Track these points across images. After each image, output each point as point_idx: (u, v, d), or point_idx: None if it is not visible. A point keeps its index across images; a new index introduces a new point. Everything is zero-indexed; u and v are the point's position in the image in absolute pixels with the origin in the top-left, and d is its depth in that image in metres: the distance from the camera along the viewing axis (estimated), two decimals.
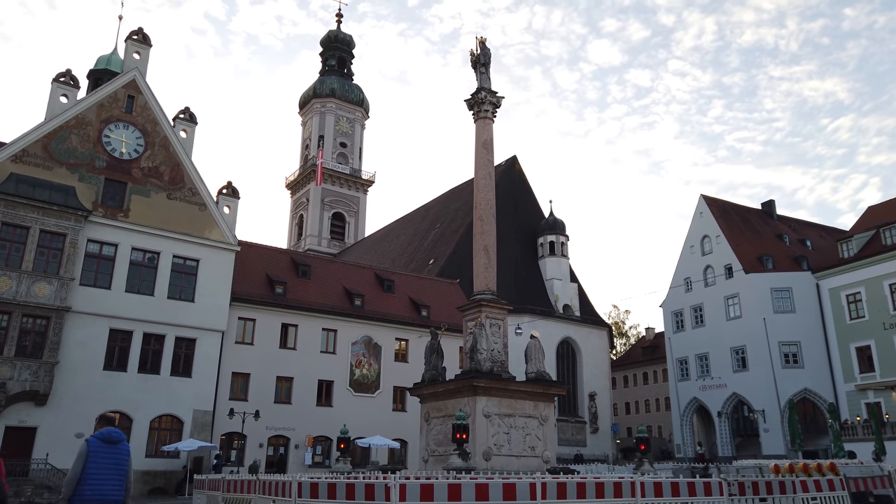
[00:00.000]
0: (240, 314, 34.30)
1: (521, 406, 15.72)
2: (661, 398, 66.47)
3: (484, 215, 17.82)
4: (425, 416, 16.75)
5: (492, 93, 18.72)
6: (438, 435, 16.06)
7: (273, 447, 34.19)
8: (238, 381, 33.73)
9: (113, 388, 29.47)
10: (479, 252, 17.46)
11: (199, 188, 33.71)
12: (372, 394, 37.76)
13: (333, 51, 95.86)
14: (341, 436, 17.19)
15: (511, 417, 15.49)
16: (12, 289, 27.28)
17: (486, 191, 18.00)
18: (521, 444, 15.40)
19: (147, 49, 33.69)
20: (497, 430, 15.15)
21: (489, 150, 18.28)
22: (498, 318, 16.84)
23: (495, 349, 16.32)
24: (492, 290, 17.21)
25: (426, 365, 17.25)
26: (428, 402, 16.78)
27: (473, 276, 17.48)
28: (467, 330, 16.86)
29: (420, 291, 43.64)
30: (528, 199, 60.78)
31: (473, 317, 16.75)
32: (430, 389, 16.54)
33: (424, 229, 69.50)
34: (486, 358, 15.84)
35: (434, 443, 16.13)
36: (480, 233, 17.61)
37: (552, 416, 16.09)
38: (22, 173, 28.86)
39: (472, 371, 15.56)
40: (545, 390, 16.17)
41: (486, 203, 17.97)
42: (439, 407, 16.33)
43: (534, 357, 16.68)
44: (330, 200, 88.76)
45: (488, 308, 16.72)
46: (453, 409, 15.47)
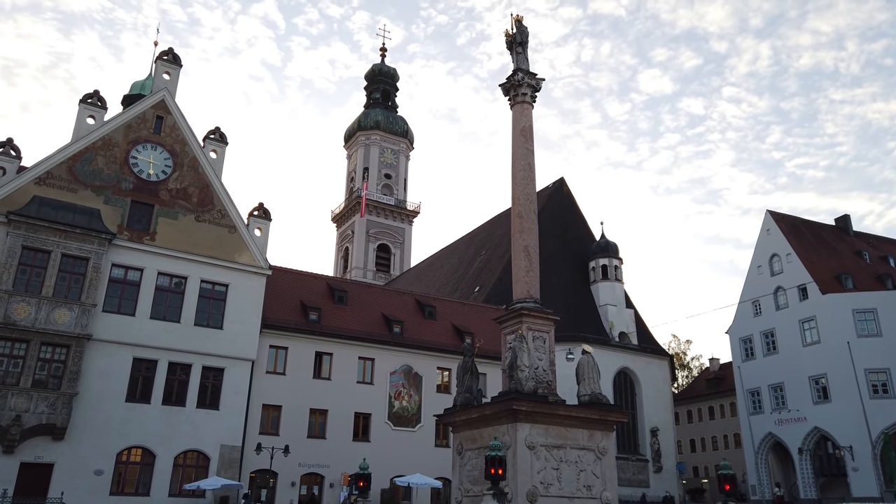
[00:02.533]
0: (271, 342, 32.32)
1: (572, 435, 12.89)
2: (729, 434, 61.29)
3: (523, 211, 15.30)
4: (458, 448, 14.07)
5: (530, 74, 16.37)
6: (473, 471, 13.34)
7: (306, 486, 31.69)
8: (269, 414, 31.55)
9: (135, 421, 27.67)
10: (519, 253, 14.89)
11: (229, 210, 32.24)
12: (412, 428, 35.00)
13: (378, 84, 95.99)
14: (361, 472, 14.63)
15: (561, 449, 12.67)
16: (31, 315, 25.97)
17: (524, 184, 15.51)
18: (575, 482, 12.53)
19: (177, 69, 32.81)
20: (544, 465, 12.35)
21: (528, 139, 15.84)
22: (542, 329, 14.15)
23: (539, 367, 13.59)
24: (534, 298, 14.58)
25: (458, 387, 14.65)
26: (461, 430, 14.11)
27: (513, 282, 14.91)
28: (506, 344, 14.22)
29: (463, 318, 40.99)
30: (578, 222, 57.80)
31: (513, 328, 14.12)
32: (463, 416, 13.89)
33: (469, 257, 67.15)
34: (528, 376, 13.12)
35: (468, 480, 13.40)
36: (519, 231, 15.07)
37: (612, 449, 13.20)
38: (45, 196, 27.86)
39: (511, 392, 12.87)
40: (602, 416, 13.30)
41: (525, 198, 15.45)
42: (473, 437, 13.63)
43: (587, 376, 13.86)
44: (375, 232, 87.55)
45: (530, 318, 14.07)
46: (490, 438, 12.76)
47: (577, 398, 14.04)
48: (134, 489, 27.31)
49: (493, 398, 13.47)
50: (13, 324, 25.51)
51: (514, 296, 14.86)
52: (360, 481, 14.58)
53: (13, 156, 27.75)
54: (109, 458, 26.80)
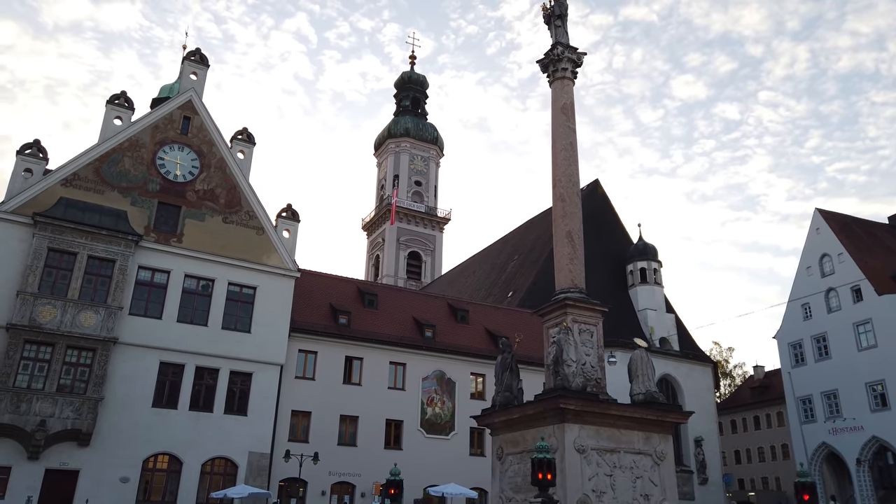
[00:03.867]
0: (300, 346, 31.41)
1: (627, 438, 11.53)
2: (776, 445, 58.56)
3: (565, 194, 14.03)
4: (498, 453, 12.78)
5: (570, 48, 15.14)
6: (515, 477, 12.04)
7: (337, 495, 30.58)
8: (298, 421, 30.60)
9: (162, 427, 26.95)
10: (562, 240, 13.61)
11: (257, 211, 31.54)
12: (446, 435, 33.71)
13: (407, 91, 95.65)
14: (392, 478, 13.43)
15: (614, 454, 11.33)
16: (57, 318, 25.47)
17: (566, 164, 14.25)
18: (630, 490, 11.16)
19: (204, 70, 32.36)
20: (596, 471, 11.01)
21: (569, 117, 14.60)
22: (589, 322, 12.83)
23: (587, 362, 12.28)
24: (579, 287, 13.28)
25: (497, 385, 13.39)
26: (501, 433, 12.83)
27: (555, 271, 13.63)
28: (549, 339, 12.93)
29: (497, 322, 39.64)
30: (614, 225, 56.04)
31: (556, 320, 12.83)
32: (503, 416, 12.61)
33: (502, 262, 65.77)
34: (575, 372, 11.80)
35: (510, 488, 12.11)
36: (562, 216, 13.80)
37: (670, 453, 11.78)
38: (72, 197, 27.47)
39: (557, 389, 11.55)
40: (660, 417, 11.90)
41: (567, 179, 14.19)
42: (515, 439, 12.34)
43: (641, 373, 12.49)
44: (405, 240, 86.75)
45: (576, 309, 12.77)
46: (533, 440, 11.48)
47: (630, 397, 12.68)
48: (161, 497, 26.54)
49: (536, 396, 12.18)
50: (38, 327, 25.04)
51: (556, 286, 13.58)
52: (391, 488, 13.39)
53: (40, 157, 27.44)
54: (136, 464, 26.09)
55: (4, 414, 23.74)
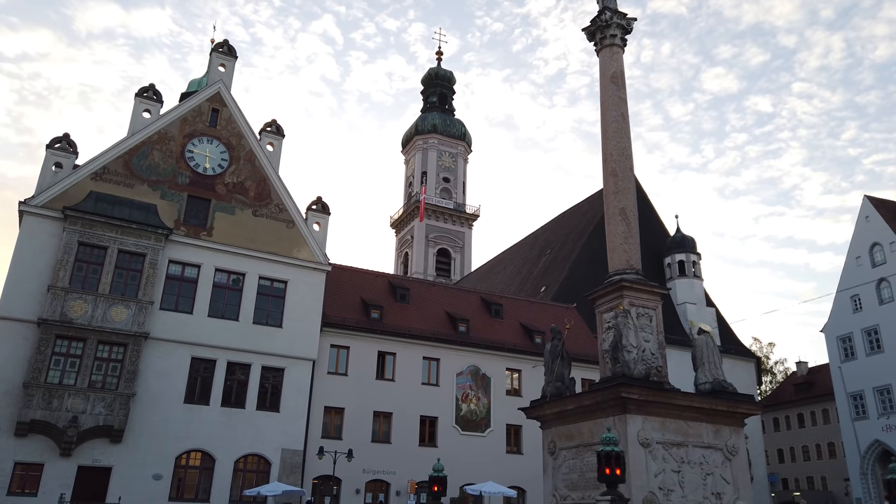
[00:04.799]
0: (332, 341, 30.74)
1: (695, 431, 10.48)
2: (822, 443, 56.39)
3: (617, 169, 13.00)
4: (549, 448, 11.80)
5: (619, 13, 14.12)
6: (570, 474, 11.06)
7: (371, 493, 29.85)
8: (331, 417, 29.94)
9: (194, 423, 26.49)
10: (614, 218, 12.59)
11: (287, 204, 30.96)
12: (482, 433, 32.76)
13: (434, 88, 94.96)
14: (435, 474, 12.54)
15: (682, 448, 10.28)
16: (88, 313, 25.15)
17: (617, 137, 13.21)
18: (701, 489, 10.11)
19: (232, 61, 31.90)
20: (662, 467, 9.98)
21: (619, 86, 13.57)
22: (648, 305, 11.80)
23: (646, 349, 11.25)
24: (635, 269, 12.25)
25: (547, 375, 12.41)
26: (552, 426, 11.86)
27: (608, 251, 12.62)
28: (603, 324, 11.92)
29: (532, 317, 38.57)
30: (649, 216, 54.43)
31: (612, 304, 11.81)
32: (556, 408, 11.63)
33: (534, 257, 64.58)
34: (636, 359, 10.79)
35: (565, 485, 11.13)
36: (614, 192, 12.78)
37: (742, 448, 10.70)
38: (102, 191, 27.16)
39: (617, 377, 10.55)
40: (731, 408, 10.82)
41: (619, 153, 13.15)
42: (569, 433, 11.36)
43: (707, 360, 11.41)
44: (434, 237, 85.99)
45: (633, 291, 11.74)
46: (591, 433, 10.51)
47: (695, 387, 11.60)
48: (193, 495, 26.06)
49: (593, 385, 11.18)
50: (70, 322, 24.74)
51: (610, 267, 12.56)
52: (434, 485, 12.51)
53: (69, 151, 27.18)
54: (168, 461, 25.66)
55: (36, 410, 23.46)
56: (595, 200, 60.59)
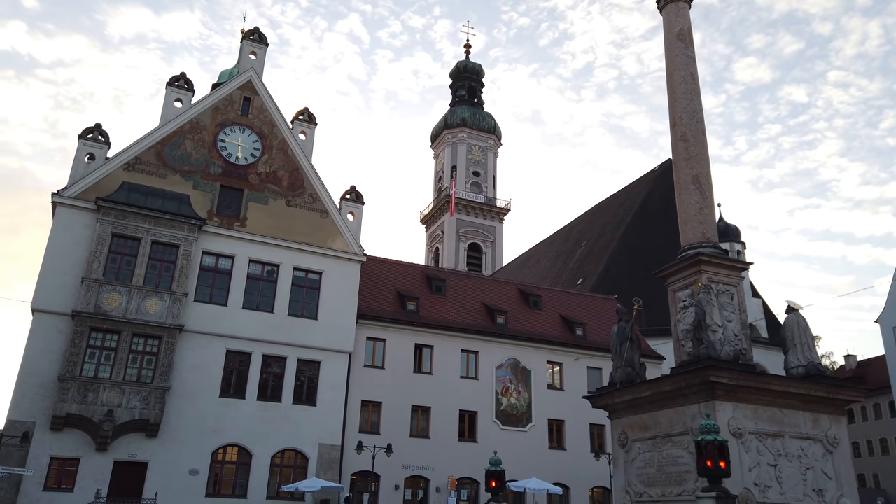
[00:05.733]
0: (368, 334, 29.93)
1: (791, 420, 9.31)
2: (874, 439, 54.04)
3: (688, 133, 11.84)
4: (620, 440, 10.71)
5: None
6: (647, 468, 9.97)
7: (410, 490, 28.98)
8: (368, 411, 29.13)
9: (230, 417, 25.89)
10: (686, 187, 11.43)
11: (321, 193, 30.22)
12: (523, 427, 31.66)
13: (463, 81, 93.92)
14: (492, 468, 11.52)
15: (777, 439, 9.13)
16: (122, 305, 24.68)
17: (687, 98, 12.05)
18: (800, 484, 8.94)
19: (263, 49, 31.25)
20: (757, 460, 8.84)
21: (687, 44, 12.40)
22: (728, 282, 10.64)
23: (729, 328, 10.07)
24: (712, 242, 11.07)
25: (615, 360, 11.31)
26: (623, 415, 10.76)
27: (679, 223, 11.47)
28: (677, 304, 10.79)
29: (571, 308, 37.31)
30: None
31: (686, 281, 10.67)
32: (628, 395, 10.53)
33: (568, 249, 63.20)
34: (723, 339, 9.64)
35: (640, 481, 10.03)
36: (685, 159, 11.61)
37: (844, 438, 9.48)
38: (134, 182, 26.69)
39: (702, 360, 9.41)
40: (831, 394, 9.62)
41: (690, 116, 11.99)
42: (644, 423, 10.26)
43: (800, 341, 10.23)
44: (465, 231, 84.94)
45: (712, 266, 10.59)
46: (671, 423, 9.40)
47: (786, 371, 10.41)
48: (231, 490, 25.48)
49: (673, 369, 10.06)
50: (104, 314, 24.29)
51: (682, 241, 11.41)
52: (492, 480, 11.51)
53: (101, 141, 26.76)
54: (205, 456, 25.10)
55: (72, 404, 23.04)
56: (632, 190, 58.99)
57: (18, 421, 22.81)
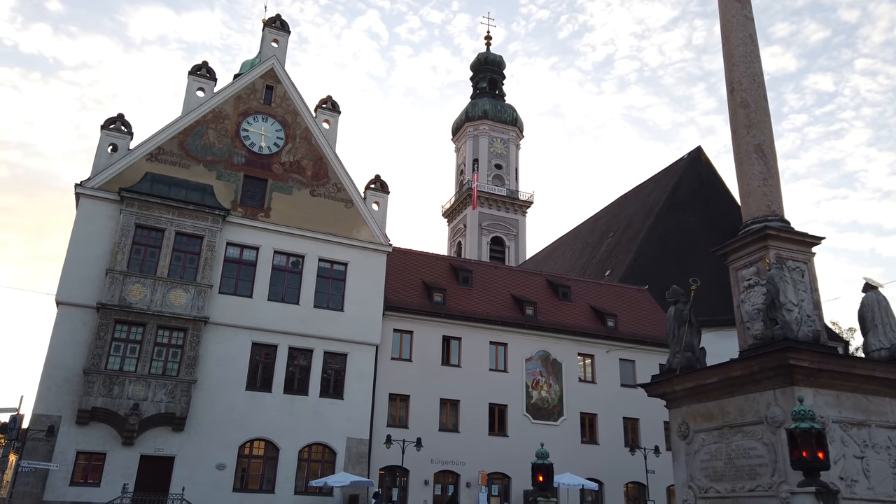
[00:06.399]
0: (394, 325, 29.27)
1: (877, 407, 8.43)
2: None
3: (749, 99, 10.92)
4: (681, 431, 9.86)
5: None
6: (713, 461, 9.11)
7: (440, 485, 28.30)
8: (396, 405, 28.50)
9: (256, 411, 25.40)
10: (748, 156, 10.53)
11: (345, 183, 29.59)
12: (554, 421, 30.80)
13: (484, 73, 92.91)
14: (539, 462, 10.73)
15: (864, 428, 8.25)
16: (146, 297, 24.27)
17: (746, 62, 11.13)
18: (890, 479, 8.08)
19: (286, 36, 30.67)
20: (842, 452, 7.98)
21: (744, 4, 11.51)
22: (798, 258, 9.74)
23: (803, 307, 9.16)
24: (779, 215, 10.16)
25: (672, 345, 10.46)
26: (684, 404, 9.91)
27: (741, 196, 10.59)
28: (741, 282, 9.91)
29: (602, 299, 36.33)
30: (721, 195, 51.36)
31: (751, 258, 9.80)
32: (690, 382, 9.68)
33: (595, 241, 62.07)
34: (798, 319, 8.75)
35: (705, 475, 9.19)
36: (746, 126, 10.70)
37: None
38: (157, 172, 26.27)
39: (777, 341, 8.53)
40: None
41: (750, 80, 11.08)
42: (708, 412, 9.40)
43: (880, 321, 9.30)
44: (487, 224, 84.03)
45: (780, 241, 9.70)
46: (741, 411, 8.55)
47: (866, 354, 9.49)
48: (258, 485, 24.99)
49: (743, 353, 9.19)
50: (129, 306, 23.89)
51: (744, 214, 10.54)
52: (539, 474, 10.73)
53: (124, 131, 26.37)
54: (231, 451, 24.64)
55: (97, 397, 22.68)
56: (660, 180, 57.66)
57: (44, 415, 22.52)
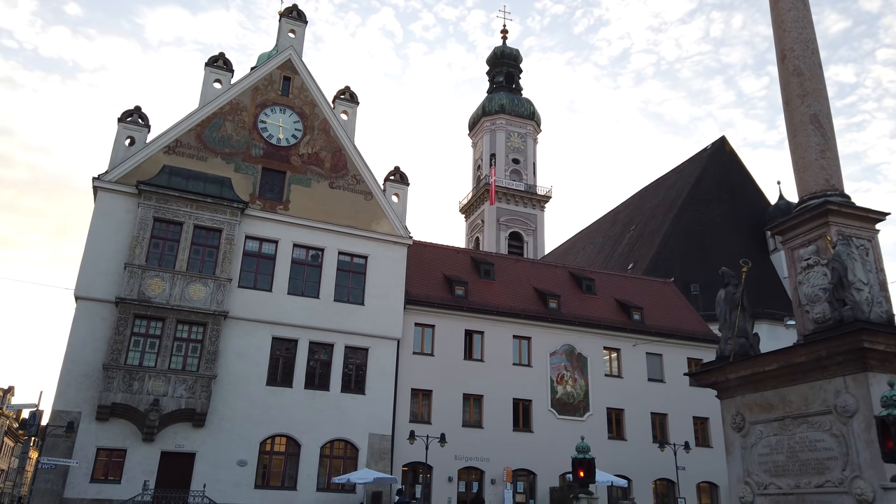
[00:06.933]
0: (416, 319, 28.69)
1: None
2: None
3: (802, 66, 10.18)
4: (736, 423, 9.15)
5: None
6: (773, 455, 8.41)
7: (464, 482, 27.70)
8: (419, 400, 27.93)
9: (277, 407, 24.96)
10: (804, 127, 9.79)
11: (365, 175, 29.05)
12: (580, 417, 30.07)
13: (500, 67, 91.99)
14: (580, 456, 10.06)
15: None
16: (165, 291, 23.90)
17: (798, 27, 10.38)
18: None
19: (303, 26, 30.19)
20: None
21: None
22: (862, 235, 9.00)
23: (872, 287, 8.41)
24: (838, 189, 9.41)
25: (724, 330, 9.75)
26: (738, 393, 9.21)
27: (795, 170, 9.85)
28: (798, 262, 9.17)
29: (627, 292, 35.48)
30: (747, 185, 50.31)
31: (811, 235, 9.06)
32: (745, 369, 8.97)
33: (616, 234, 61.14)
34: (868, 299, 8.03)
35: (764, 470, 8.48)
36: (800, 95, 9.96)
37: None
38: (175, 165, 25.90)
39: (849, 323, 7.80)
40: None
41: (803, 46, 10.33)
42: (767, 402, 8.69)
43: None
44: (505, 220, 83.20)
45: (842, 217, 8.96)
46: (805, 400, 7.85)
47: None
48: (280, 482, 24.55)
49: (807, 336, 8.46)
50: (148, 300, 23.54)
51: (799, 190, 9.79)
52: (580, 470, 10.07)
53: (141, 124, 26.03)
54: (252, 447, 24.22)
55: (117, 393, 22.35)
56: (683, 171, 56.54)
57: (64, 411, 22.22)
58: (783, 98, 10.43)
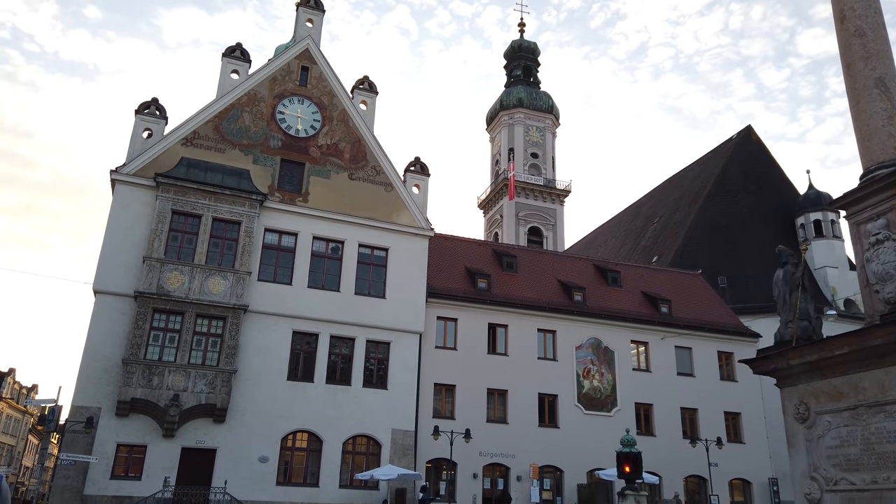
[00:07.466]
0: (438, 313, 28.08)
1: None
2: None
3: (865, 27, 9.38)
4: (799, 413, 8.40)
5: None
6: (844, 447, 7.67)
7: (489, 479, 27.05)
8: (442, 395, 27.32)
9: (298, 402, 24.49)
10: (868, 92, 8.99)
11: (384, 166, 28.48)
12: (608, 412, 29.27)
13: (518, 61, 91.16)
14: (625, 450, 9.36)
15: None
16: (184, 285, 23.50)
17: None
18: None
19: (320, 15, 29.70)
20: None
21: None
22: None
23: None
24: None
25: (783, 313, 9.01)
26: (801, 381, 8.45)
27: (858, 139, 9.07)
28: (866, 237, 8.40)
29: (654, 284, 34.58)
30: (774, 174, 49.04)
31: (880, 208, 8.27)
32: (810, 354, 8.21)
33: (638, 227, 60.07)
34: None
35: (834, 464, 7.73)
36: (863, 58, 9.17)
37: None
38: (193, 157, 25.50)
39: None
40: None
41: (865, 6, 9.54)
42: (836, 390, 7.93)
43: None
44: (524, 215, 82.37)
45: None
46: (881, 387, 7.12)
47: None
48: (302, 479, 24.07)
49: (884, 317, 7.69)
50: (167, 294, 23.16)
51: (864, 160, 9.00)
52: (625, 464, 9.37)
53: (158, 116, 25.66)
54: (274, 443, 23.76)
55: (137, 388, 21.98)
56: (707, 162, 55.31)
57: (83, 406, 21.90)
58: (843, 62, 9.62)
